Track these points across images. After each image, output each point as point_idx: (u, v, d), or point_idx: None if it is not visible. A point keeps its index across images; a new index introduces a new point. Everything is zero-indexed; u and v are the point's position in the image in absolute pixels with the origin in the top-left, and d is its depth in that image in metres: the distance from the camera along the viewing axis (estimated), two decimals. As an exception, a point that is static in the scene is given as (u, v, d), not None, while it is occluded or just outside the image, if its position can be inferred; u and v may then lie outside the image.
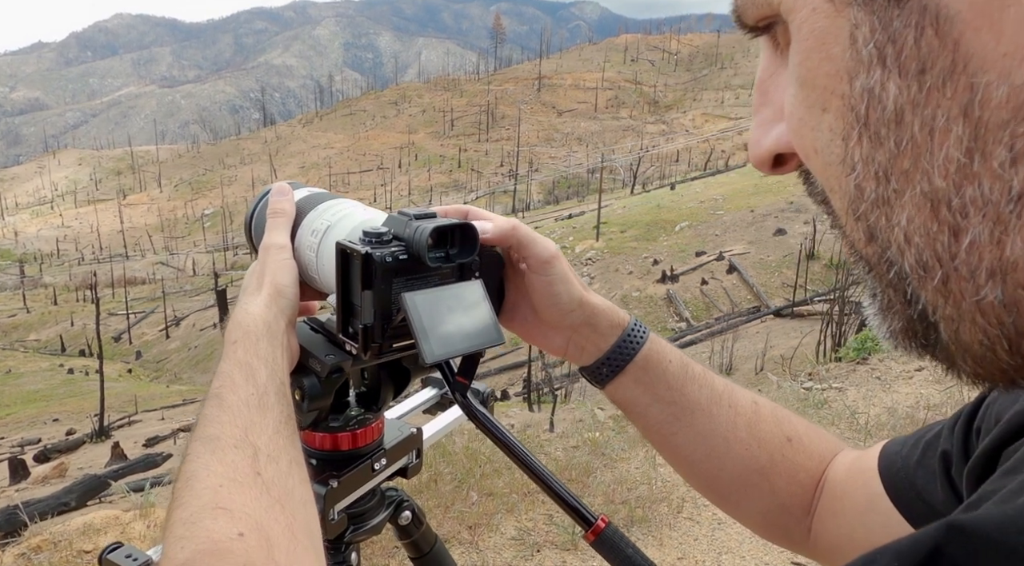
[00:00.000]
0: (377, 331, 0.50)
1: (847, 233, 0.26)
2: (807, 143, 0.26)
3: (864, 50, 0.22)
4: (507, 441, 0.55)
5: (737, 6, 0.29)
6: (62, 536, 2.10)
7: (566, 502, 0.55)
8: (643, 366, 0.57)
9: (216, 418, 0.44)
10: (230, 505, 0.39)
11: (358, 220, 0.56)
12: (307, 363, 0.55)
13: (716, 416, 0.56)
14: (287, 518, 0.40)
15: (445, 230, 0.50)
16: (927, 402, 2.92)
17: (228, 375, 0.47)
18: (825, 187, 0.27)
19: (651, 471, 2.48)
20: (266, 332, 0.49)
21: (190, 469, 0.42)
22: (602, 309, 0.57)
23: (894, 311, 0.25)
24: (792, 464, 0.56)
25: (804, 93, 0.25)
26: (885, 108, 0.22)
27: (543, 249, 0.54)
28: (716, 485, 0.58)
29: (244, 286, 0.55)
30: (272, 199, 0.59)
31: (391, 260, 0.48)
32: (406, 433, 0.69)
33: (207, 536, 0.37)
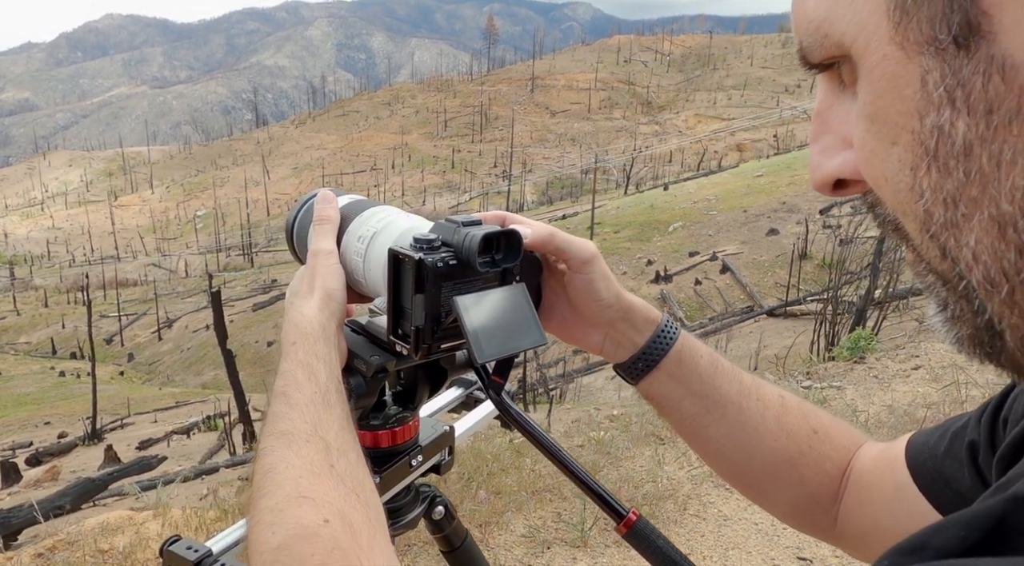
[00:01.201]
0: (427, 333, 0.52)
1: (922, 252, 0.29)
2: (877, 172, 0.29)
3: (935, 92, 0.25)
4: (540, 438, 0.58)
5: (803, 46, 0.31)
6: (78, 536, 2.10)
7: (599, 495, 0.57)
8: (676, 361, 0.58)
9: (286, 415, 0.47)
10: (312, 494, 0.42)
11: (404, 226, 0.58)
12: (352, 363, 0.58)
13: (746, 409, 0.58)
14: (363, 506, 0.43)
15: (492, 236, 0.52)
16: (925, 400, 2.95)
17: (292, 374, 0.49)
18: (896, 212, 0.29)
19: (656, 469, 2.50)
20: (322, 333, 0.52)
21: (268, 462, 0.45)
22: (638, 306, 0.60)
23: (963, 320, 0.28)
24: (819, 455, 0.58)
25: (875, 127, 0.28)
26: (954, 143, 0.24)
27: (582, 249, 0.56)
28: (746, 475, 0.61)
29: (294, 289, 0.57)
30: (317, 206, 0.62)
31: (442, 265, 0.51)
32: (440, 431, 0.71)
33: (296, 522, 0.40)
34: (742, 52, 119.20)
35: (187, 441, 12.41)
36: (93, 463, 10.04)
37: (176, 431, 13.22)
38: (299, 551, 0.39)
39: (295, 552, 0.39)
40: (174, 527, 2.11)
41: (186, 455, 10.29)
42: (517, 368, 14.21)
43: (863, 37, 0.27)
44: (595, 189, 34.06)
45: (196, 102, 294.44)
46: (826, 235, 20.38)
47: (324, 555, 0.39)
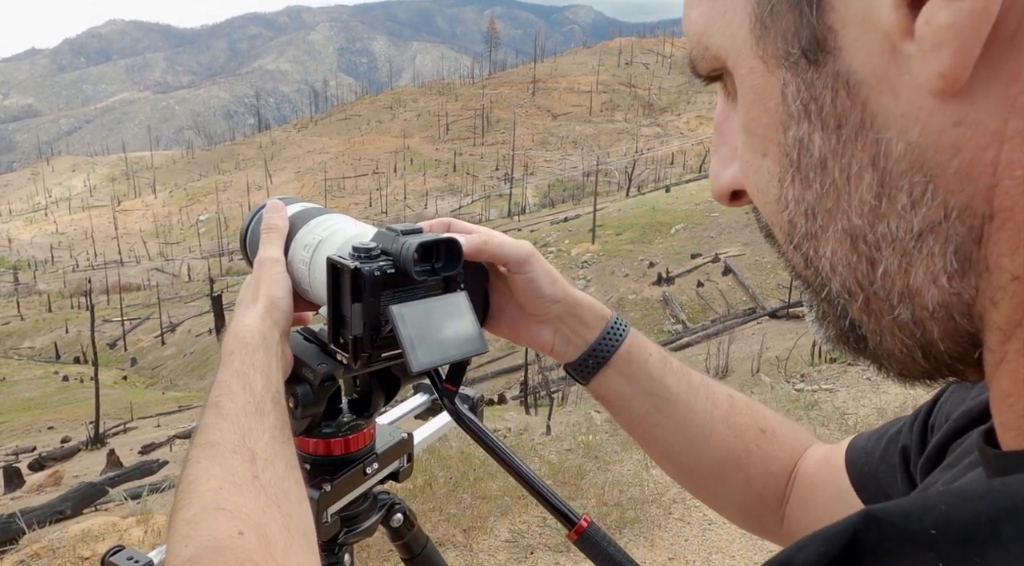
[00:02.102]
0: (366, 342, 0.52)
1: (789, 259, 0.30)
2: (751, 183, 0.30)
3: (793, 105, 0.26)
4: (493, 445, 0.58)
5: (692, 58, 0.33)
6: (60, 543, 2.12)
7: (550, 503, 0.57)
8: (626, 358, 0.59)
9: (215, 425, 0.47)
10: (230, 506, 0.41)
11: (348, 235, 0.58)
12: (300, 372, 0.58)
13: (694, 408, 0.58)
14: (283, 517, 0.42)
15: (430, 245, 0.52)
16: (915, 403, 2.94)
17: (226, 384, 0.49)
18: (768, 221, 0.31)
19: (643, 473, 2.51)
20: (261, 343, 0.52)
21: (191, 473, 0.44)
22: (586, 302, 0.60)
23: (828, 321, 0.30)
24: (766, 455, 0.58)
25: (748, 139, 0.29)
26: (812, 155, 0.26)
27: (516, 251, 0.57)
28: (694, 475, 0.61)
29: (240, 298, 0.58)
30: (266, 215, 0.62)
31: (379, 274, 0.51)
32: (397, 438, 0.72)
33: (209, 534, 0.40)
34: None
35: (189, 445, 12.44)
36: (96, 468, 10.07)
37: (179, 435, 13.24)
38: (209, 563, 0.39)
39: (205, 564, 0.39)
40: (157, 533, 2.12)
41: (188, 459, 10.31)
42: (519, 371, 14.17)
43: (734, 50, 0.28)
44: (597, 191, 34.10)
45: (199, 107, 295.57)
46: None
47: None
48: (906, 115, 0.22)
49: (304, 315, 0.64)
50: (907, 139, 0.23)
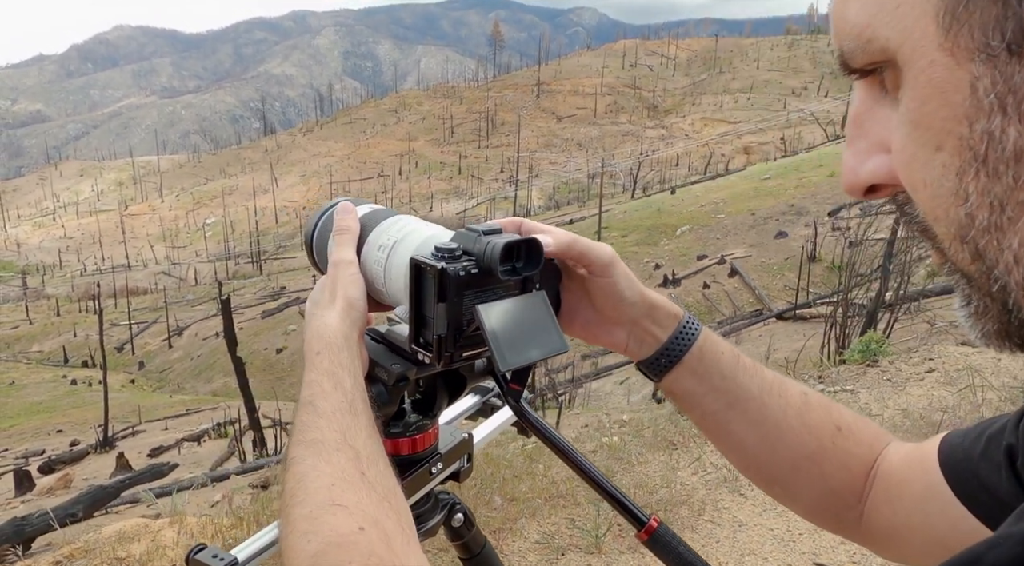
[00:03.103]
0: (450, 341, 0.52)
1: (950, 255, 0.30)
2: (916, 177, 0.29)
3: (985, 99, 0.25)
4: (560, 445, 0.58)
5: (844, 52, 0.32)
6: (95, 544, 2.12)
7: (620, 502, 0.57)
8: (699, 356, 0.59)
9: (314, 424, 0.48)
10: (346, 502, 0.43)
11: (424, 235, 0.59)
12: (373, 372, 0.58)
13: (768, 404, 0.59)
14: (395, 513, 0.44)
15: (514, 245, 0.52)
16: (941, 404, 2.92)
17: (318, 384, 0.50)
18: (928, 216, 0.30)
19: (670, 475, 2.48)
20: (345, 343, 0.53)
21: (299, 471, 0.45)
22: (660, 303, 0.60)
23: (990, 316, 0.30)
24: (842, 451, 0.58)
25: (918, 133, 0.28)
26: (1005, 148, 0.25)
27: (602, 254, 0.57)
28: (768, 471, 0.61)
29: (315, 299, 0.58)
30: (337, 217, 0.63)
31: (464, 274, 0.51)
32: (459, 438, 0.72)
33: (331, 529, 0.41)
34: (748, 55, 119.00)
35: (197, 448, 12.45)
36: (105, 471, 10.10)
37: (187, 438, 13.27)
38: (336, 558, 0.40)
39: (332, 559, 0.40)
40: (190, 535, 2.12)
41: (197, 462, 10.33)
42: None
43: (909, 43, 0.27)
44: (602, 193, 34.05)
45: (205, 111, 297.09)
46: (835, 237, 20.25)
47: (361, 562, 0.40)
48: None
49: (368, 316, 0.64)
50: None
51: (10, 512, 7.47)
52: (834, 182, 28.74)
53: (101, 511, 6.36)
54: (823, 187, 28.46)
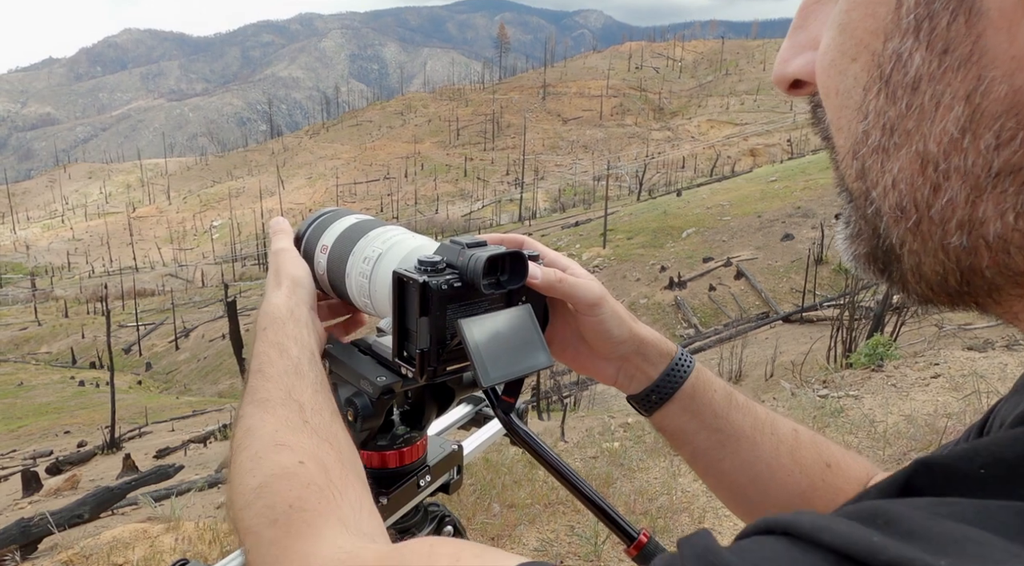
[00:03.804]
0: (433, 355, 0.52)
1: (841, 167, 0.30)
2: (832, 83, 0.29)
3: (905, 19, 0.25)
4: (549, 458, 0.57)
5: None
6: (92, 550, 2.12)
7: (609, 517, 0.56)
8: (691, 394, 0.59)
9: (261, 386, 0.51)
10: (288, 442, 0.46)
11: (409, 247, 0.59)
12: (358, 384, 0.58)
13: (760, 443, 0.58)
14: (336, 453, 0.47)
15: (497, 258, 0.52)
16: (946, 410, 2.89)
17: (264, 353, 0.54)
18: (833, 125, 0.31)
19: (671, 481, 2.46)
20: (290, 316, 0.56)
21: (246, 424, 0.49)
22: (651, 340, 0.60)
23: (862, 239, 0.30)
24: (832, 489, 0.58)
25: (841, 39, 0.28)
26: (907, 73, 0.25)
27: (587, 293, 0.56)
28: (758, 509, 0.60)
29: (266, 286, 0.62)
30: (273, 225, 0.68)
31: (446, 288, 0.51)
32: (448, 450, 0.71)
33: (274, 464, 0.45)
34: (755, 57, 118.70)
35: (204, 450, 12.49)
36: (112, 472, 10.13)
37: (193, 440, 13.31)
38: (277, 487, 0.43)
39: (274, 488, 0.43)
40: (187, 541, 2.12)
41: (203, 463, 10.35)
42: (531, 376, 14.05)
43: None
44: (608, 195, 34.01)
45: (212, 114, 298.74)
46: (842, 238, 20.09)
47: (300, 490, 0.42)
48: (1017, 58, 0.22)
49: (360, 317, 0.67)
50: (1012, 83, 0.22)
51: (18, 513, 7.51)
52: (841, 184, 28.51)
53: (107, 512, 6.38)
54: (830, 189, 28.10)
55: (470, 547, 0.37)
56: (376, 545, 0.40)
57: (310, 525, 0.41)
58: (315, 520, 0.41)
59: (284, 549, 0.40)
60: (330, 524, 0.41)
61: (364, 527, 0.42)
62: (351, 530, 0.41)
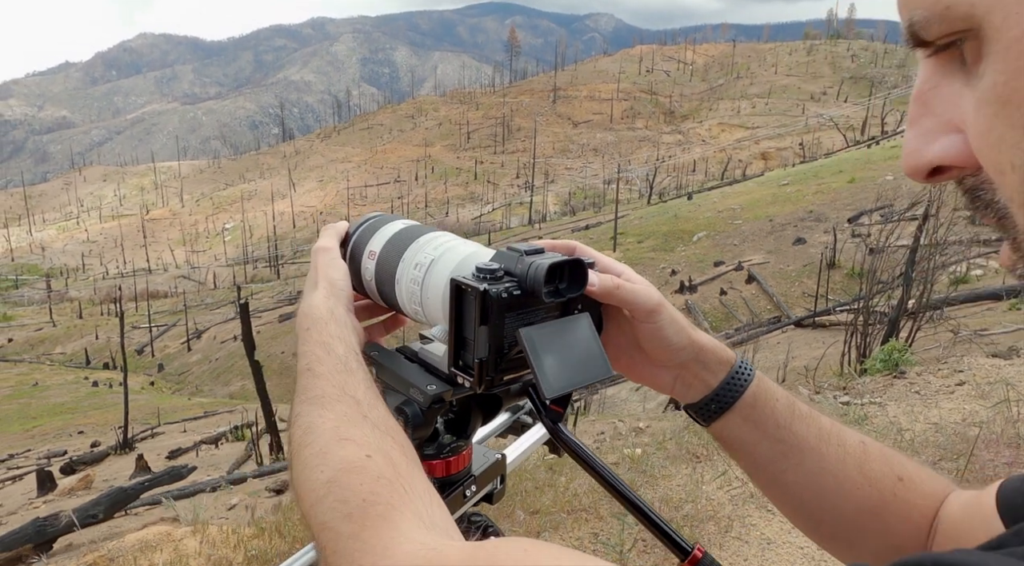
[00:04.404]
0: (491, 365, 0.51)
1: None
2: (1004, 159, 0.27)
3: None
4: (599, 469, 0.56)
5: (915, 22, 0.29)
6: (119, 552, 2.12)
7: (662, 531, 0.55)
8: (751, 403, 0.57)
9: (313, 385, 0.51)
10: (352, 436, 0.46)
11: (462, 254, 0.58)
12: (408, 393, 0.57)
13: (825, 455, 0.56)
14: (398, 446, 0.47)
15: (558, 266, 0.51)
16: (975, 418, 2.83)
17: (311, 353, 0.54)
18: (1015, 202, 0.28)
19: (696, 489, 2.42)
20: (331, 316, 0.56)
21: (304, 422, 0.49)
22: (710, 347, 0.58)
23: None
24: (905, 504, 0.56)
25: (1007, 111, 0.26)
26: None
27: (646, 300, 0.55)
28: (826, 525, 0.58)
29: (304, 290, 0.62)
30: (325, 226, 0.68)
31: (506, 296, 0.50)
32: (492, 459, 0.70)
33: (341, 459, 0.44)
34: (766, 60, 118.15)
35: (215, 451, 12.55)
36: (125, 472, 10.20)
37: (205, 441, 13.38)
38: (348, 481, 0.42)
39: (345, 482, 0.42)
40: (212, 544, 2.11)
41: (214, 464, 10.39)
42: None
43: (1000, 9, 0.25)
44: (618, 199, 33.93)
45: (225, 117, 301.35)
46: (855, 244, 19.95)
47: (372, 483, 0.42)
48: None
49: (400, 318, 0.66)
50: None
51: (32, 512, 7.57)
52: (854, 188, 28.34)
53: (121, 513, 6.41)
54: (843, 193, 28.09)
55: (569, 554, 0.35)
56: (461, 542, 0.40)
57: (386, 519, 0.41)
58: (390, 513, 0.41)
59: (363, 542, 0.40)
60: (406, 517, 0.41)
61: (437, 520, 0.42)
62: (426, 524, 0.41)
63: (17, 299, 56.27)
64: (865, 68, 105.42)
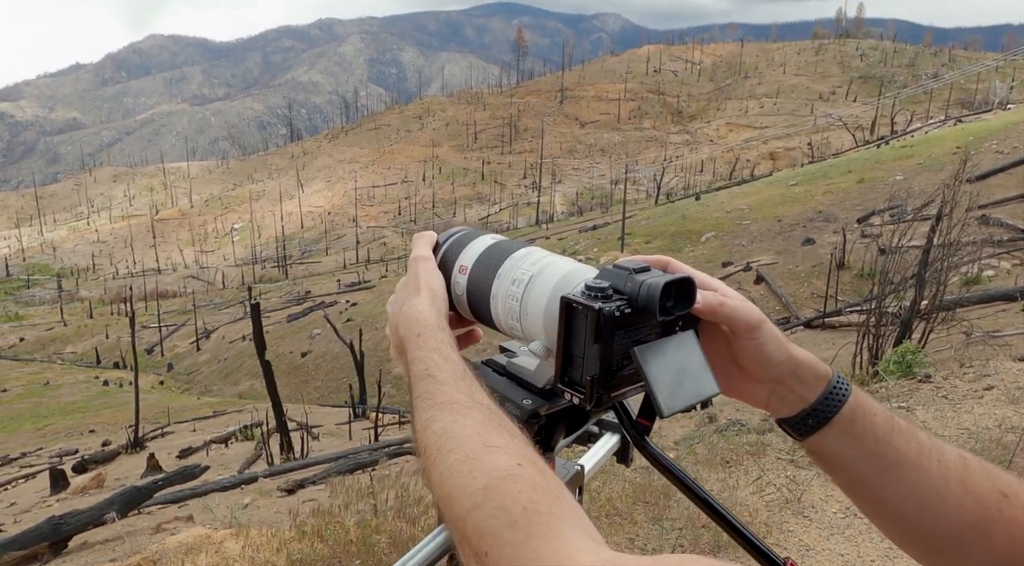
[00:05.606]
0: (601, 382, 0.52)
1: None
2: None
3: None
4: (687, 482, 0.56)
5: None
6: (161, 555, 2.10)
7: (753, 545, 0.55)
8: (850, 418, 0.56)
9: (439, 390, 0.51)
10: (498, 444, 0.45)
11: (563, 270, 0.58)
12: (502, 406, 0.56)
13: (927, 470, 0.56)
14: (537, 455, 0.46)
15: (672, 284, 0.51)
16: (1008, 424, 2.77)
17: (429, 358, 0.54)
18: None
19: (731, 495, 2.38)
20: (438, 324, 0.57)
21: (440, 427, 0.48)
22: (808, 362, 0.58)
23: None
24: (1010, 520, 0.55)
25: None
26: None
27: (748, 316, 0.55)
28: (928, 541, 0.57)
29: (401, 294, 0.63)
30: (416, 235, 0.70)
31: (618, 314, 0.50)
32: (572, 471, 0.71)
33: (493, 466, 0.44)
34: (774, 60, 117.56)
35: (225, 450, 12.57)
36: (136, 471, 10.23)
37: (215, 440, 13.42)
38: (506, 489, 0.42)
39: (502, 490, 0.42)
40: (255, 548, 2.08)
41: (225, 464, 10.41)
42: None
43: None
44: (625, 199, 33.84)
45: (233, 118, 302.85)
46: (864, 245, 19.79)
47: (530, 492, 0.42)
48: None
49: (476, 332, 0.67)
50: None
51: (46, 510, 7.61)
52: (863, 188, 28.14)
53: (134, 512, 6.43)
54: (852, 193, 27.91)
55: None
56: (640, 557, 0.39)
57: (551, 528, 0.40)
58: (554, 523, 0.41)
59: (533, 550, 0.39)
60: (570, 527, 0.41)
61: (593, 532, 0.42)
62: (588, 534, 0.41)
63: (28, 299, 56.76)
64: (874, 67, 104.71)
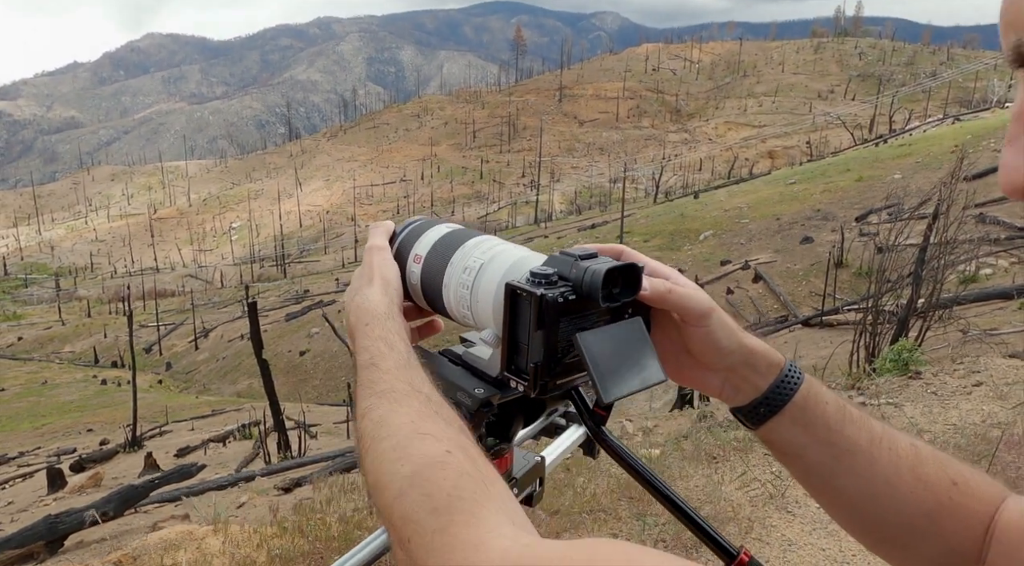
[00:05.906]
0: (545, 369, 0.52)
1: None
2: None
3: None
4: (642, 471, 0.56)
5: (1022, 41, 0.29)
6: (142, 551, 2.12)
7: (707, 534, 0.55)
8: (801, 406, 0.56)
9: (379, 379, 0.51)
10: (430, 431, 0.46)
11: (513, 258, 0.58)
12: (454, 396, 0.57)
13: (877, 458, 0.56)
14: (471, 442, 0.47)
15: (614, 271, 0.51)
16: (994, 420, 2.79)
17: (374, 348, 0.54)
18: None
19: (715, 491, 2.40)
20: (388, 313, 0.57)
21: (377, 415, 0.48)
22: (760, 350, 0.58)
23: None
24: (960, 507, 0.55)
25: None
26: None
27: (697, 304, 0.55)
28: (880, 530, 0.58)
29: (355, 285, 0.63)
30: (372, 225, 0.69)
31: (562, 301, 0.50)
32: (532, 462, 0.70)
33: (422, 454, 0.44)
34: (773, 58, 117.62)
35: (223, 449, 12.59)
36: (134, 470, 10.24)
37: (212, 439, 13.43)
38: (431, 475, 0.42)
39: (428, 476, 0.42)
40: (235, 544, 2.10)
41: (222, 463, 10.43)
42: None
43: None
44: (624, 198, 33.88)
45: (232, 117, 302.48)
46: (862, 243, 19.84)
47: (456, 478, 0.42)
48: None
49: (436, 324, 0.67)
50: None
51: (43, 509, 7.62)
52: (862, 187, 28.21)
53: (131, 510, 6.45)
54: (850, 192, 27.96)
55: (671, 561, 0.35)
56: (556, 542, 0.39)
57: (474, 514, 0.41)
58: (478, 510, 0.41)
59: (453, 536, 0.40)
60: (493, 513, 0.41)
61: (519, 518, 0.42)
62: (512, 520, 0.41)
63: (26, 298, 56.71)
64: (873, 66, 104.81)
